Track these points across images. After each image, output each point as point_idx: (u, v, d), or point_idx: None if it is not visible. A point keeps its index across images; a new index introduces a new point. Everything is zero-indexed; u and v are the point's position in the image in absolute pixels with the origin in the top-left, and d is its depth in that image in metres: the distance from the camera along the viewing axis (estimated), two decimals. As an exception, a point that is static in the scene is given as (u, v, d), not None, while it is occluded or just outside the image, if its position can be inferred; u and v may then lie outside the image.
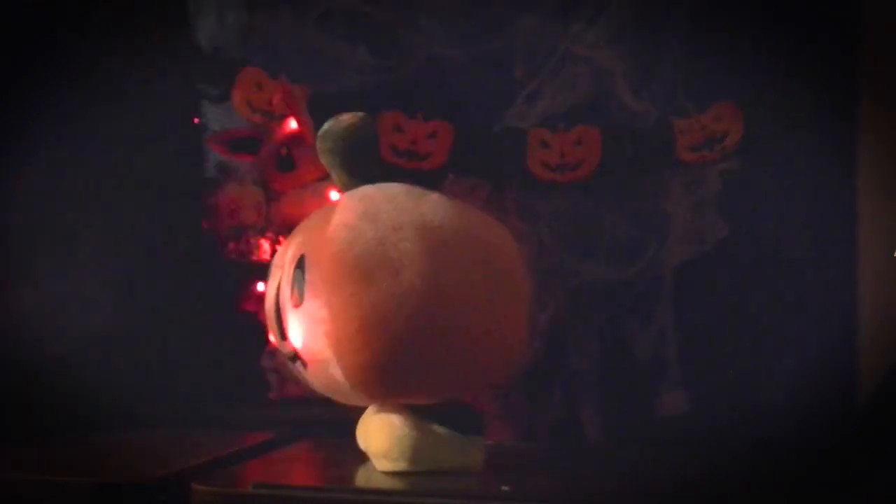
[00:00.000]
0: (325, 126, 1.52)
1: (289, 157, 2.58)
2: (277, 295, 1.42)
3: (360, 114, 1.53)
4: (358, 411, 2.26)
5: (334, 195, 2.54)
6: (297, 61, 2.79)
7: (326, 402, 2.40)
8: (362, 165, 1.50)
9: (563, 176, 2.75)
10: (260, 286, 2.44)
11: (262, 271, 2.40)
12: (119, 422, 2.23)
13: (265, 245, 2.43)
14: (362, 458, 1.65)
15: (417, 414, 1.45)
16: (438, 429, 1.43)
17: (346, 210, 1.39)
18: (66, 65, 2.55)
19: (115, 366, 2.35)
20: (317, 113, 2.71)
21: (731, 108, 2.72)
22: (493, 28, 2.79)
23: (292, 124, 2.60)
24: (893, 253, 2.60)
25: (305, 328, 1.38)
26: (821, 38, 2.73)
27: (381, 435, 1.46)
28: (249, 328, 2.51)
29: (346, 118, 1.52)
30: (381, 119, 2.77)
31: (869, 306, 2.64)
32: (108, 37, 2.62)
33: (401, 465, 1.43)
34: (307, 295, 1.37)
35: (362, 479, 1.49)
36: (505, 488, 1.36)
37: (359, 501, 1.32)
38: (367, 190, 1.45)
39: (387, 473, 1.47)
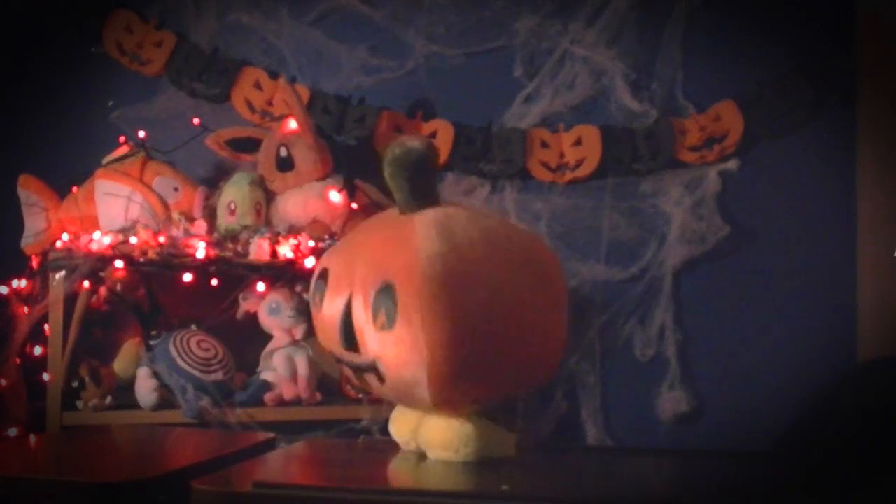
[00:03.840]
0: (396, 151, 1.53)
1: (288, 157, 2.57)
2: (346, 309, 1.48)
3: (426, 141, 1.56)
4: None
5: (334, 195, 2.53)
6: (297, 61, 2.78)
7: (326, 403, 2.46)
8: (427, 190, 1.54)
9: (563, 176, 2.75)
10: (260, 286, 2.43)
11: (261, 272, 2.45)
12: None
13: (264, 245, 2.42)
14: (364, 457, 1.66)
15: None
16: (487, 422, 1.56)
17: (428, 239, 1.48)
18: None
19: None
20: (317, 113, 2.72)
21: (731, 108, 2.73)
22: (493, 28, 2.79)
23: (292, 124, 2.59)
24: (893, 253, 2.61)
25: (399, 352, 1.47)
26: (820, 38, 2.73)
27: (445, 431, 1.55)
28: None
29: (416, 146, 1.52)
30: (381, 119, 2.78)
31: (868, 305, 2.64)
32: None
33: (461, 456, 1.53)
34: (401, 322, 1.45)
35: (362, 479, 1.49)
36: (505, 488, 1.36)
37: (358, 501, 1.32)
38: (436, 215, 1.51)
39: (408, 467, 1.54)
